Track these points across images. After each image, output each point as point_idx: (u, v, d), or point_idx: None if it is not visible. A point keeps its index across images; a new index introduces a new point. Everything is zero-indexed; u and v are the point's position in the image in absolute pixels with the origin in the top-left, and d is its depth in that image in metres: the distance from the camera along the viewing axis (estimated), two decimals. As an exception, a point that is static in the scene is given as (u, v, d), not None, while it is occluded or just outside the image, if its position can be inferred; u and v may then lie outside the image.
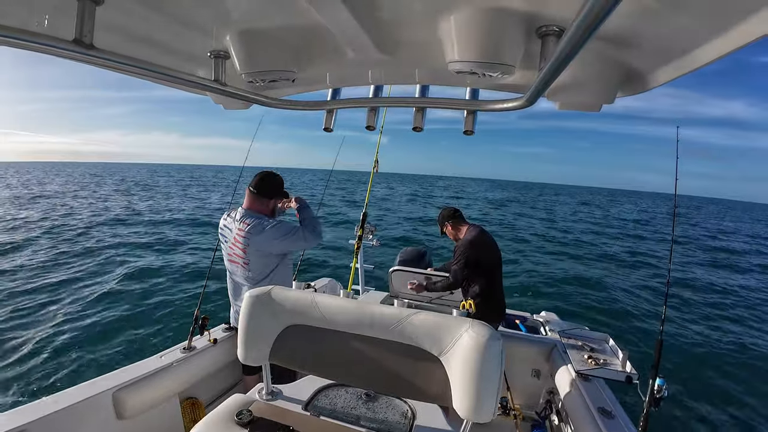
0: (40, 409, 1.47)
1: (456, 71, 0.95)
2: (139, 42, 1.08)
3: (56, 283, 7.22)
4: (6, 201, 20.84)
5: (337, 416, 1.37)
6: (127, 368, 1.84)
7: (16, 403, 3.68)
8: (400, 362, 1.25)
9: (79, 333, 5.27)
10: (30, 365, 4.43)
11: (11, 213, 16.12)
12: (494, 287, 2.77)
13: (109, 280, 7.51)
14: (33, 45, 0.74)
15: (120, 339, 5.17)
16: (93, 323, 5.57)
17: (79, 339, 5.12)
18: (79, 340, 5.08)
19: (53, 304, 6.21)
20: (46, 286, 7.04)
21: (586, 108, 1.22)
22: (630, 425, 1.73)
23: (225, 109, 1.62)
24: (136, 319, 5.80)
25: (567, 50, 0.54)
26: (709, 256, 15.68)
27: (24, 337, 5.07)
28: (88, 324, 5.54)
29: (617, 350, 2.27)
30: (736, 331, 7.37)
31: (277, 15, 0.96)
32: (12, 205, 18.80)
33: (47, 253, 9.40)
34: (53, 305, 6.18)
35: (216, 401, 2.23)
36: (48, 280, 7.35)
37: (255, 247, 2.07)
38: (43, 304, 6.17)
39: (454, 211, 3.00)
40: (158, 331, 5.44)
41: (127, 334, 5.31)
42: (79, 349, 4.84)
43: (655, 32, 0.83)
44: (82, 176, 56.76)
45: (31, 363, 4.47)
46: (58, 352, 4.74)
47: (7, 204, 19.29)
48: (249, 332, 1.40)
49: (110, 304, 6.32)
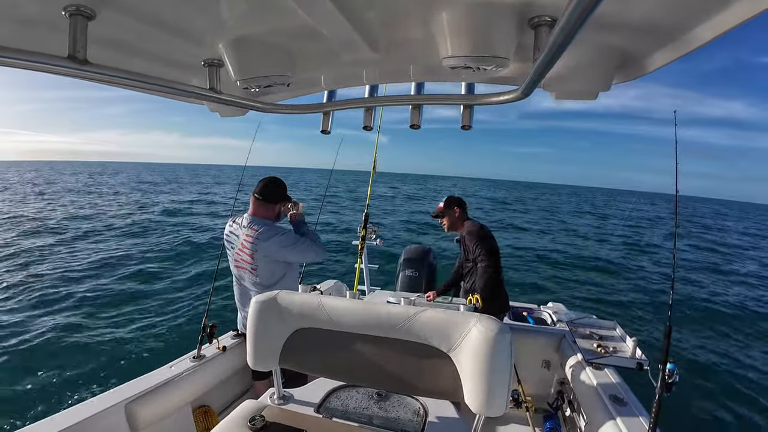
0: (53, 425, 1.47)
1: (450, 67, 0.95)
2: (133, 54, 1.08)
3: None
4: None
5: (349, 417, 1.38)
6: (138, 380, 1.84)
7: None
8: (410, 360, 1.25)
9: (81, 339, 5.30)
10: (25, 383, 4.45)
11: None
12: (498, 279, 2.78)
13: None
14: (27, 63, 0.74)
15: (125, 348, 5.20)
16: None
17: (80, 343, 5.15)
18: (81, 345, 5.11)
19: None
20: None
21: (582, 96, 1.21)
22: (643, 411, 1.73)
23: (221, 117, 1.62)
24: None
25: (560, 40, 0.54)
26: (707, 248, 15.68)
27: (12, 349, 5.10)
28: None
29: (626, 337, 2.27)
30: (745, 304, 7.36)
31: (269, 20, 0.95)
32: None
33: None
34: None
35: (228, 408, 2.24)
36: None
37: (263, 253, 2.08)
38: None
39: (464, 201, 3.01)
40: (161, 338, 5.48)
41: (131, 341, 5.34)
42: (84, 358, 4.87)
43: (648, 15, 0.83)
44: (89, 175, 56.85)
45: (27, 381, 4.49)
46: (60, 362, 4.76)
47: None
48: (257, 338, 1.40)
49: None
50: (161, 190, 33.66)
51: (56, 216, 16.35)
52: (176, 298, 7.30)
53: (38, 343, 5.31)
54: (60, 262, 9.60)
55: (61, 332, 5.67)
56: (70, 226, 14.26)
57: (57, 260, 9.77)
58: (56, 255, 10.22)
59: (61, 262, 9.59)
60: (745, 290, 9.49)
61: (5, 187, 32.13)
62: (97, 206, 20.41)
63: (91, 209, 19.05)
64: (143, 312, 6.58)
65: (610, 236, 17.81)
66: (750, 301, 8.51)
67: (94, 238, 12.40)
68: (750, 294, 9.24)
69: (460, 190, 55.17)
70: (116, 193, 29.04)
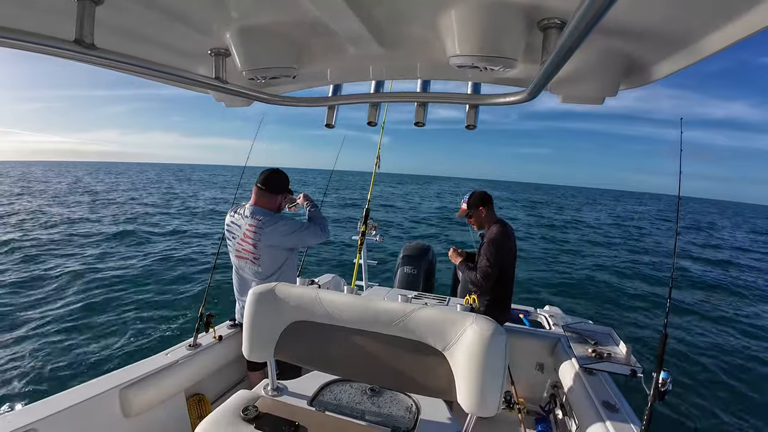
0: (47, 407, 1.48)
1: (457, 65, 0.94)
2: (140, 41, 1.08)
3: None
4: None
5: (342, 411, 1.38)
6: (134, 366, 1.85)
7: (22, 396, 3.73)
8: (405, 357, 1.26)
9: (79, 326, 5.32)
10: (25, 362, 4.48)
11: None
12: (506, 291, 2.66)
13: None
14: (34, 46, 0.74)
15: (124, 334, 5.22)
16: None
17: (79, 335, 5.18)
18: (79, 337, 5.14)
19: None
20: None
21: (588, 101, 1.21)
22: (634, 418, 1.73)
23: (226, 107, 1.62)
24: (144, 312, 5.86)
25: (569, 43, 0.54)
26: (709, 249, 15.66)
27: (16, 334, 5.13)
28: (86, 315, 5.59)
29: (621, 344, 2.27)
30: (742, 322, 7.36)
31: (277, 12, 0.95)
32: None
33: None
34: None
35: (222, 397, 2.25)
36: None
37: (266, 242, 2.09)
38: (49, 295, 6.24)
39: (489, 196, 2.73)
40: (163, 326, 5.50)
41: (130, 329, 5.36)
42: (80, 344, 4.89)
43: (658, 23, 0.82)
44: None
45: (27, 361, 4.52)
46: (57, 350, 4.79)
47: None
48: (253, 328, 1.41)
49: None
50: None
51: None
52: (174, 288, 7.33)
53: (37, 328, 5.34)
54: (63, 249, 9.64)
55: (59, 317, 5.71)
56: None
57: (59, 248, 9.81)
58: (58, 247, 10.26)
59: (63, 249, 9.63)
60: (747, 301, 9.48)
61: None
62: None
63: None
64: (141, 298, 6.61)
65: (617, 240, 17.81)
66: (749, 309, 8.51)
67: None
68: (752, 302, 9.23)
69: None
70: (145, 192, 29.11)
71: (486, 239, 2.58)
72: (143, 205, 21.21)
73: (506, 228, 2.61)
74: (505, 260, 2.54)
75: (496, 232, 2.55)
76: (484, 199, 2.67)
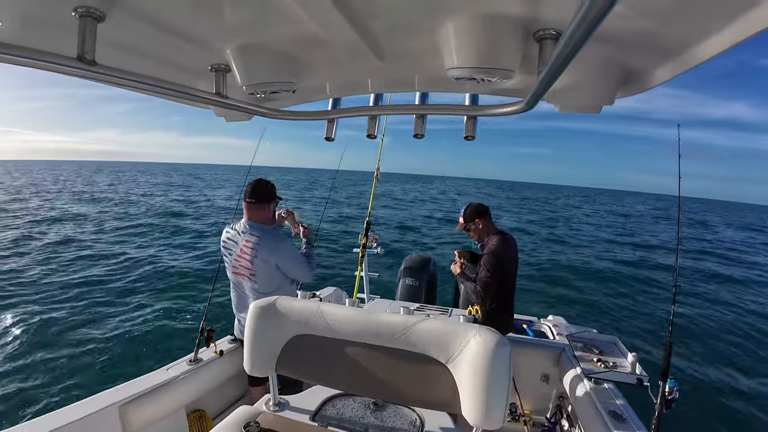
0: (45, 424, 1.46)
1: (455, 77, 0.95)
2: (141, 57, 1.09)
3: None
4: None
5: (345, 426, 1.36)
6: (133, 381, 1.83)
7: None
8: (408, 370, 1.24)
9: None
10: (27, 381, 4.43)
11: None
12: (508, 301, 2.64)
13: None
14: (37, 62, 0.75)
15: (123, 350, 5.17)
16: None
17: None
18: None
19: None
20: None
21: (586, 110, 1.22)
22: (642, 428, 1.71)
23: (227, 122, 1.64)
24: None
25: (565, 53, 0.54)
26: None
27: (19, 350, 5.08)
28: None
29: (626, 352, 2.25)
30: (750, 324, 7.29)
31: (276, 27, 0.97)
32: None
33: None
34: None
35: (223, 413, 2.22)
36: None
37: (263, 259, 2.08)
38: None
39: (485, 207, 2.69)
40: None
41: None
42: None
43: (653, 31, 0.83)
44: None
45: (28, 380, 4.47)
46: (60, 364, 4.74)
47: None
48: (255, 343, 1.40)
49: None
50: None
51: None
52: (177, 301, 7.28)
53: (34, 340, 5.30)
54: (60, 257, 9.61)
55: (57, 329, 5.66)
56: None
57: (57, 254, 9.78)
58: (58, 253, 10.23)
59: (61, 257, 9.60)
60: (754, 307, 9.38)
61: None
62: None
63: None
64: (141, 311, 6.56)
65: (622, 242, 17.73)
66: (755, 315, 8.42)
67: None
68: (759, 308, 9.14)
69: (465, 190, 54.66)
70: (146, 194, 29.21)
71: (486, 250, 2.57)
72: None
73: (506, 238, 2.60)
74: (505, 271, 2.52)
75: (496, 243, 2.54)
76: (480, 212, 2.65)
